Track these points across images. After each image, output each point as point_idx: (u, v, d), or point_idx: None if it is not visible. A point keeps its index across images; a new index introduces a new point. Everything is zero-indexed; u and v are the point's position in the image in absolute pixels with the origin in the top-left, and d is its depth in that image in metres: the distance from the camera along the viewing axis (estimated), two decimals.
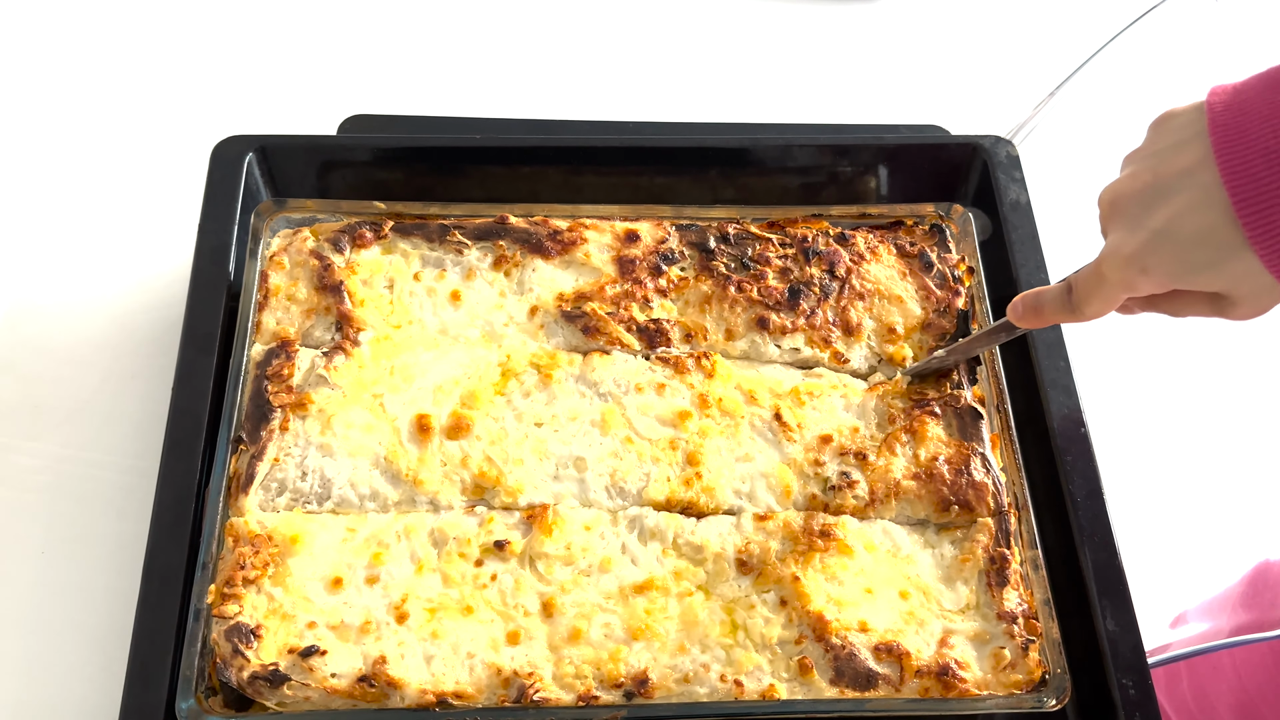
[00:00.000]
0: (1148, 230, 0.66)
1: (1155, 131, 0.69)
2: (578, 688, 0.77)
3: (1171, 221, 0.65)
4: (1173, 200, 0.65)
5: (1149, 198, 0.66)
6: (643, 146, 1.07)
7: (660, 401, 0.90)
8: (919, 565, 0.85)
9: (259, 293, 0.93)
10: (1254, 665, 0.94)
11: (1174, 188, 0.65)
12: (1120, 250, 0.68)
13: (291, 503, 0.84)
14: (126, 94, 1.24)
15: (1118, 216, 0.69)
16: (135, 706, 0.79)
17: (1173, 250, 0.65)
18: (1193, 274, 0.66)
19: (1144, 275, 0.68)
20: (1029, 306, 0.80)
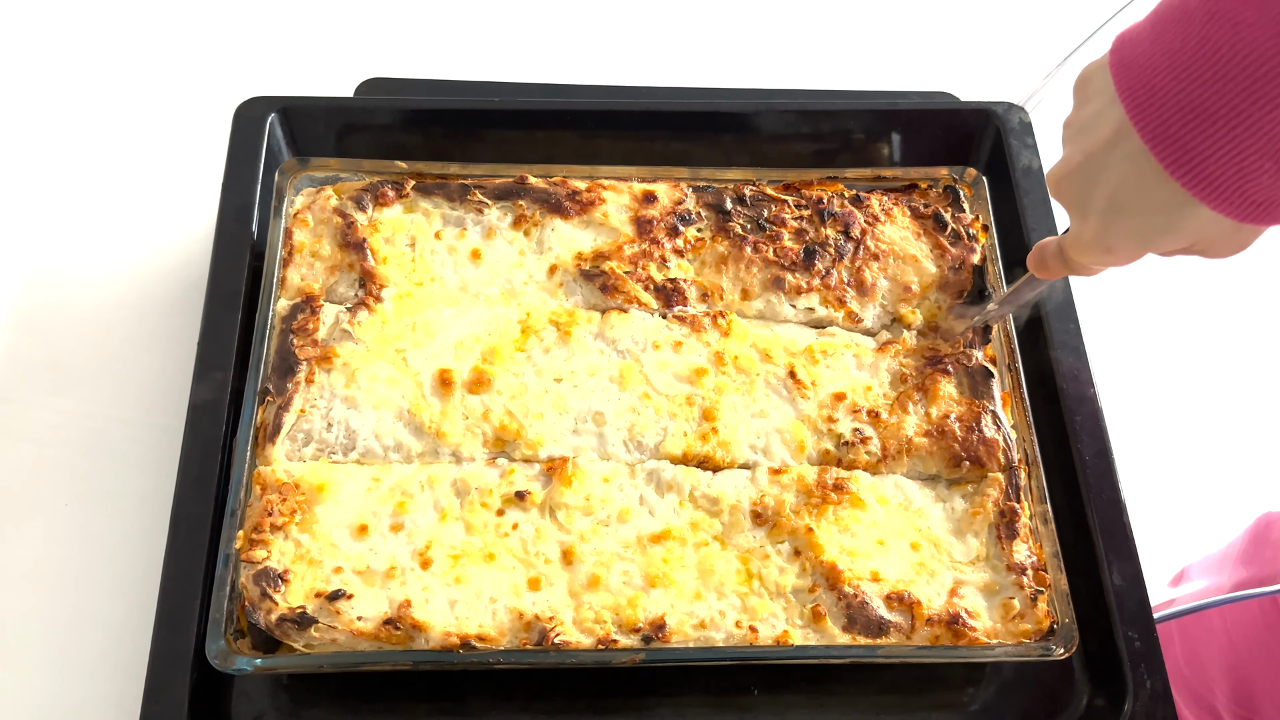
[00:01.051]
0: (1096, 213, 0.65)
1: (1076, 97, 0.66)
2: (597, 632, 0.79)
3: (1114, 199, 0.63)
4: (1107, 177, 0.63)
5: (1085, 179, 0.64)
6: (657, 110, 1.08)
7: (677, 359, 0.92)
8: (930, 518, 0.87)
9: (284, 249, 0.94)
10: (1244, 625, 0.96)
11: (1104, 163, 0.62)
12: (1080, 237, 0.68)
13: (318, 453, 0.86)
14: (142, 57, 1.25)
15: (1065, 201, 0.68)
16: (164, 651, 0.81)
17: (1126, 226, 0.64)
18: (1154, 241, 0.64)
19: (1111, 254, 0.67)
20: (1036, 258, 0.79)
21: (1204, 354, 1.21)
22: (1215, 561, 1.06)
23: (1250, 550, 1.01)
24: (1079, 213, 0.67)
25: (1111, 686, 0.86)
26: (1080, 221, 0.68)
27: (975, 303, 0.95)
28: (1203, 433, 1.18)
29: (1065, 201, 0.69)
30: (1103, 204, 0.64)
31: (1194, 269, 1.24)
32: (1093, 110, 0.63)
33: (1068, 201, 0.68)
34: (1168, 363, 1.19)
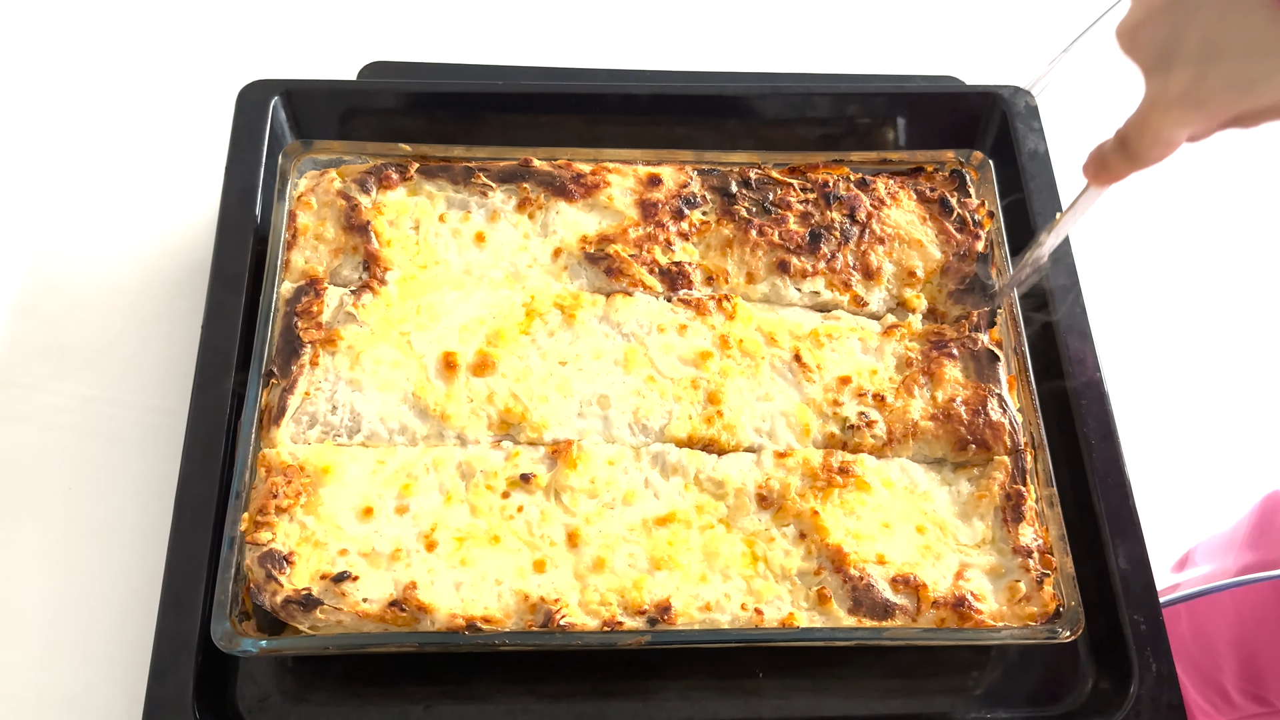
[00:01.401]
0: (1188, 60, 0.57)
1: None
2: (602, 614, 0.79)
3: (1210, 39, 0.55)
4: (1202, 15, 0.55)
5: (1173, 20, 0.57)
6: (662, 94, 1.08)
7: (682, 342, 0.92)
8: (936, 501, 0.87)
9: (287, 232, 0.94)
10: (1253, 602, 0.96)
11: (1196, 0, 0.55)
12: (1166, 94, 0.59)
13: (322, 435, 0.86)
14: (146, 40, 1.25)
15: (1143, 53, 0.60)
16: (170, 633, 0.81)
17: (1225, 73, 0.56)
18: (1258, 88, 0.56)
19: (1201, 110, 0.59)
20: (1093, 162, 0.70)
21: (1209, 337, 1.20)
22: (1221, 545, 1.06)
23: (1256, 534, 1.01)
24: (1162, 64, 0.58)
25: (1117, 670, 0.86)
26: (1163, 76, 0.59)
27: (975, 288, 0.95)
28: (1208, 415, 1.18)
29: (1143, 54, 0.60)
30: (1196, 47, 0.56)
31: (1200, 254, 1.24)
32: None
33: (1146, 53, 0.59)
34: (1173, 346, 1.18)
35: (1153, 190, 1.27)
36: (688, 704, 0.85)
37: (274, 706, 0.83)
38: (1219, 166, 1.28)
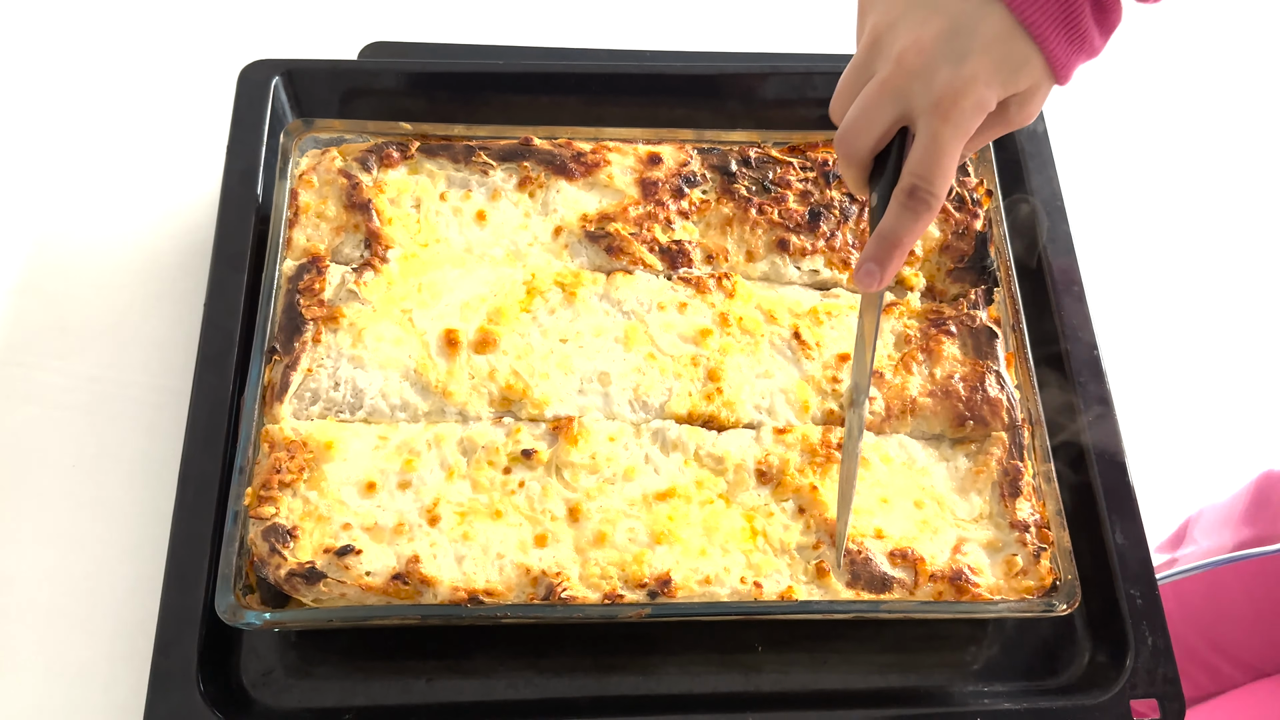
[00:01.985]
0: (961, 51, 0.65)
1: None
2: (603, 587, 0.80)
3: (973, 32, 0.64)
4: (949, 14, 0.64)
5: (939, 28, 0.65)
6: (662, 73, 1.08)
7: (682, 319, 0.92)
8: (934, 477, 0.87)
9: (289, 210, 0.94)
10: (1263, 576, 0.97)
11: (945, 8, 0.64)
12: (960, 80, 0.65)
13: (324, 411, 0.87)
14: (146, 20, 1.25)
15: (927, 54, 0.66)
16: (174, 606, 0.82)
17: (990, 58, 0.64)
18: (1018, 74, 0.66)
19: (988, 89, 0.65)
20: (876, 259, 0.71)
21: (1208, 314, 1.21)
22: (1218, 520, 1.07)
23: (1253, 510, 1.02)
24: (946, 59, 0.66)
25: (1113, 644, 0.86)
26: (949, 66, 0.66)
27: (974, 266, 0.96)
28: (1205, 391, 1.19)
29: (902, 106, 0.67)
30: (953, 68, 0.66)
31: (1197, 236, 1.25)
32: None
33: (907, 102, 0.67)
34: (1171, 323, 1.19)
35: (1150, 170, 1.28)
36: (688, 678, 0.85)
37: (277, 680, 0.84)
38: (1214, 146, 1.28)
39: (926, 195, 0.67)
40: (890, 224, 0.69)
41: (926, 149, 0.66)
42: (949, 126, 0.65)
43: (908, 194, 0.67)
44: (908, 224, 0.68)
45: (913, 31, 0.65)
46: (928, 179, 0.67)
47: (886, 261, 0.70)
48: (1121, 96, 1.29)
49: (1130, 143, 1.27)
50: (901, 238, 0.69)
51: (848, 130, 0.69)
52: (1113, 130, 1.27)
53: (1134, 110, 1.30)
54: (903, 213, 0.68)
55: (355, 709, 0.83)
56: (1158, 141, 1.28)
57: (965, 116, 0.65)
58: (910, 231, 0.69)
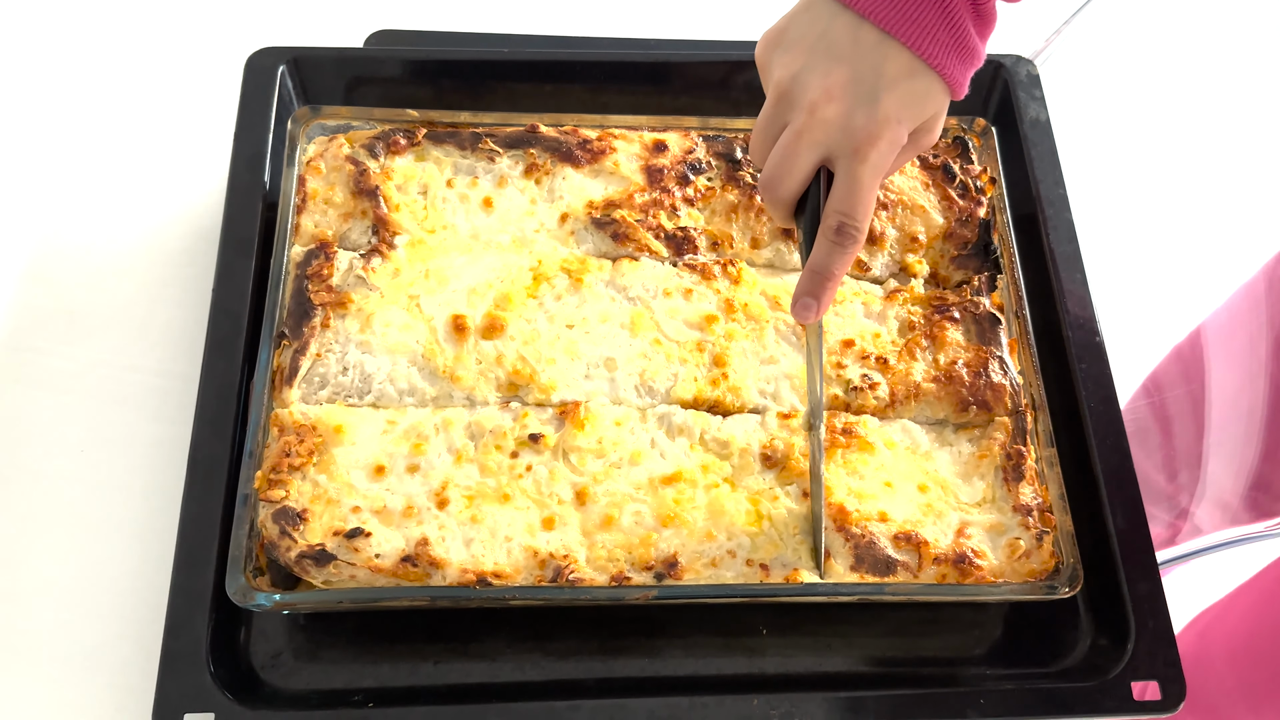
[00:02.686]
0: (869, 90, 0.69)
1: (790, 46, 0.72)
2: (610, 570, 0.81)
3: (878, 72, 0.68)
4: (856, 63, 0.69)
5: (845, 76, 0.69)
6: (666, 61, 1.09)
7: (687, 306, 0.93)
8: (937, 461, 0.88)
9: (297, 196, 0.95)
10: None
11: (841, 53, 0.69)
12: (873, 122, 0.70)
13: (333, 396, 0.87)
14: (153, 7, 1.25)
15: (838, 101, 0.70)
16: (184, 588, 0.83)
17: (897, 94, 0.69)
18: (924, 103, 0.71)
19: (901, 125, 0.70)
20: (811, 292, 0.76)
21: (1209, 299, 1.22)
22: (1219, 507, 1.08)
23: (1253, 497, 1.03)
24: (858, 102, 0.70)
25: (1114, 628, 0.87)
26: (862, 109, 0.70)
27: (978, 253, 0.97)
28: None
29: (846, 101, 0.70)
30: (876, 82, 0.69)
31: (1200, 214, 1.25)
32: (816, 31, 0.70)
33: (847, 98, 0.70)
34: (1174, 308, 1.20)
35: (1152, 157, 1.28)
36: (693, 661, 0.86)
37: (286, 663, 0.85)
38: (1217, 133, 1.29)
39: (853, 230, 0.71)
40: (821, 259, 0.73)
41: (849, 189, 0.70)
42: (868, 167, 0.70)
43: (835, 231, 0.71)
44: (838, 258, 0.72)
45: (819, 82, 0.69)
46: (852, 216, 0.71)
47: (821, 294, 0.74)
48: (1123, 83, 1.29)
49: (1132, 130, 1.28)
50: (834, 271, 0.73)
51: (771, 178, 0.72)
52: (1115, 117, 1.28)
53: (1136, 97, 1.30)
54: (833, 249, 0.72)
55: (364, 691, 0.83)
56: (1160, 128, 1.29)
57: (882, 156, 0.70)
58: (841, 265, 0.73)
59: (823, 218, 0.72)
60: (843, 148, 0.70)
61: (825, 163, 0.72)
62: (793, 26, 0.72)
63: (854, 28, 0.69)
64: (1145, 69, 1.29)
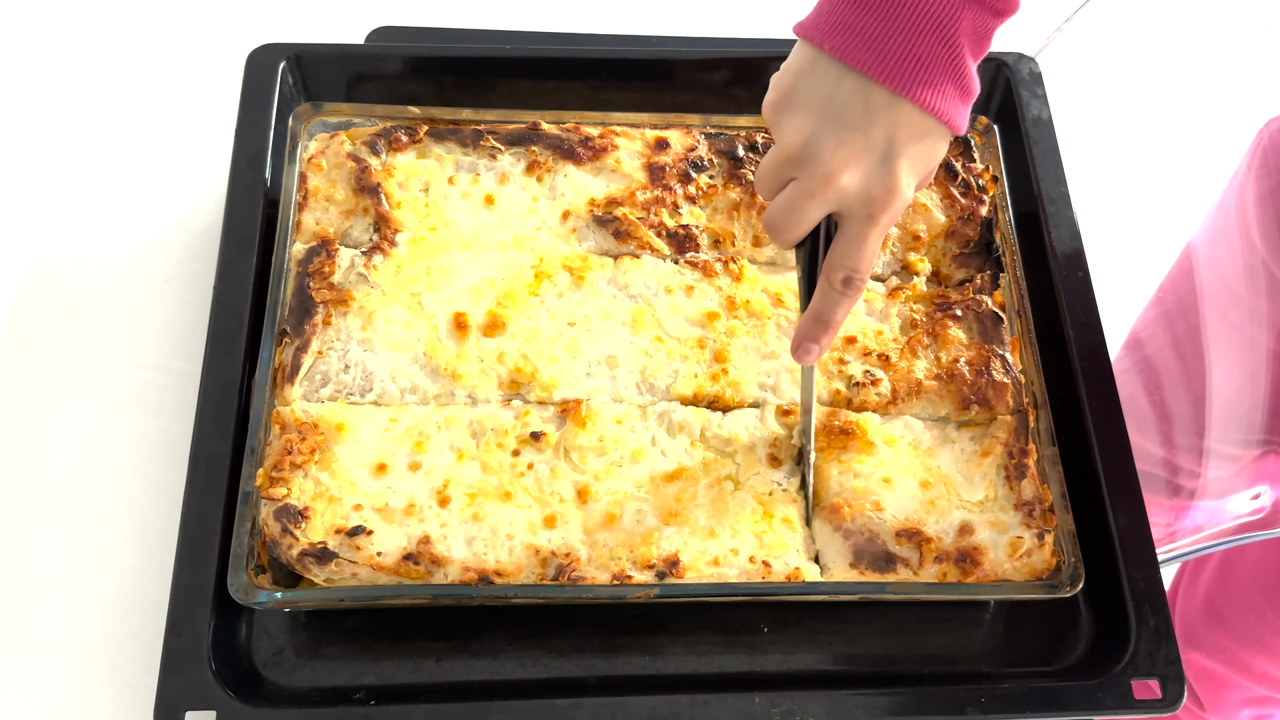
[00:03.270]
0: (881, 157, 0.69)
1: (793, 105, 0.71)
2: (612, 568, 0.81)
3: (890, 139, 0.69)
4: (870, 129, 0.69)
5: (859, 146, 0.69)
6: (668, 59, 1.08)
7: (689, 303, 0.93)
8: (939, 459, 0.88)
9: (298, 193, 0.95)
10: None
11: (854, 123, 0.69)
12: (887, 190, 0.70)
13: (335, 394, 0.87)
14: (153, 4, 1.25)
15: (852, 170, 0.70)
16: (186, 586, 0.83)
17: (908, 158, 0.70)
18: (931, 159, 0.71)
19: (911, 186, 0.71)
20: (812, 332, 0.77)
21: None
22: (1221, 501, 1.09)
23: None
24: (868, 164, 0.70)
25: (1115, 626, 0.87)
26: (873, 173, 0.70)
27: (980, 251, 0.97)
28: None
29: (851, 169, 0.70)
30: (884, 147, 0.70)
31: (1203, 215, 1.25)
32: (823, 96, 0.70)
33: (855, 166, 0.70)
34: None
35: (1155, 156, 1.28)
36: (694, 658, 0.86)
37: (288, 659, 0.85)
38: (1220, 133, 1.29)
39: (859, 283, 0.73)
40: (825, 307, 0.74)
41: (858, 247, 0.72)
42: (878, 229, 0.71)
43: (843, 283, 0.73)
44: (843, 307, 0.74)
45: (832, 151, 0.69)
46: (859, 270, 0.72)
47: (822, 339, 0.76)
48: (1127, 83, 1.29)
49: (1136, 129, 1.28)
50: (836, 318, 0.75)
51: (777, 225, 0.73)
52: (1118, 116, 1.28)
53: (1139, 96, 1.30)
54: (839, 299, 0.74)
55: (365, 688, 0.84)
56: (1163, 127, 1.29)
57: (893, 218, 0.71)
58: (844, 313, 0.75)
59: (828, 269, 0.73)
60: (855, 211, 0.71)
61: (833, 215, 0.72)
62: (799, 88, 0.70)
63: (863, 90, 0.68)
64: (1146, 65, 1.29)
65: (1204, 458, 1.18)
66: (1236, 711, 1.21)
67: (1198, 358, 1.16)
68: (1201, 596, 1.18)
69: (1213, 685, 1.19)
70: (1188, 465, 1.19)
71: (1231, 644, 1.14)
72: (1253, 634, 1.12)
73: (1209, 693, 1.20)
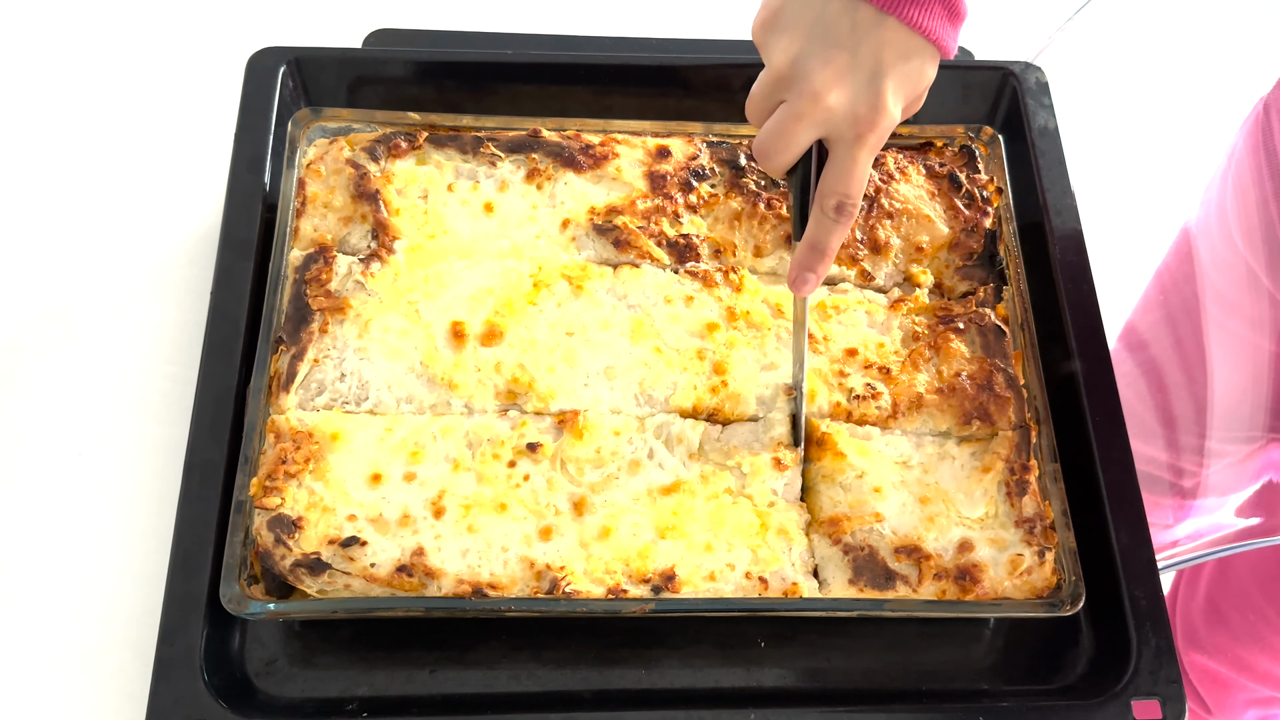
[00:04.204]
0: (869, 76, 0.71)
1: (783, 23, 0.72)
2: (607, 582, 0.80)
3: (878, 57, 0.70)
4: (859, 44, 0.70)
5: (845, 64, 0.70)
6: (671, 65, 1.07)
7: (688, 313, 0.92)
8: (940, 474, 0.87)
9: (297, 199, 0.94)
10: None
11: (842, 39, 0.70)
12: (873, 109, 0.71)
13: (330, 402, 0.87)
14: (153, 7, 1.24)
15: (839, 89, 0.71)
16: (178, 594, 0.82)
17: (895, 78, 0.71)
18: (919, 80, 0.73)
19: (898, 107, 0.73)
20: (811, 259, 0.79)
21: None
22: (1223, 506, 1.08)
23: (1260, 497, 1.03)
24: (855, 84, 0.72)
25: (1116, 644, 0.86)
26: (861, 94, 0.72)
27: (983, 264, 0.96)
28: None
29: (838, 87, 0.72)
30: (873, 67, 0.71)
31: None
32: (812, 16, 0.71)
33: (842, 83, 0.72)
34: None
35: (1162, 168, 1.27)
36: (690, 672, 0.86)
37: (281, 669, 0.84)
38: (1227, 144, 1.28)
39: (850, 207, 0.75)
40: (819, 235, 0.76)
41: (848, 170, 0.73)
42: (866, 150, 0.73)
43: (835, 209, 0.74)
44: (837, 234, 0.76)
45: (819, 70, 0.70)
46: (850, 194, 0.74)
47: (819, 267, 0.78)
48: (1134, 92, 1.28)
49: (1142, 141, 1.27)
50: (831, 245, 0.77)
51: (768, 147, 0.74)
52: (1124, 127, 1.27)
53: (1146, 106, 1.29)
54: (832, 225, 0.75)
55: (358, 699, 0.83)
56: (1170, 139, 1.28)
57: (880, 138, 0.73)
58: (839, 239, 0.77)
59: (820, 195, 0.74)
60: (842, 132, 0.72)
61: (823, 139, 0.74)
62: (788, 7, 0.72)
63: (850, 9, 0.70)
64: (1145, 65, 1.28)
65: (1205, 458, 1.17)
66: (1242, 713, 1.21)
67: (1200, 359, 1.16)
68: (1202, 595, 1.17)
69: (1217, 687, 1.19)
70: (1189, 466, 1.19)
71: (1233, 643, 1.14)
72: (1254, 632, 1.11)
73: (1214, 695, 1.19)
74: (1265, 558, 1.09)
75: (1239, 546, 1.04)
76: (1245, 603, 1.12)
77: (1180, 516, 1.22)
